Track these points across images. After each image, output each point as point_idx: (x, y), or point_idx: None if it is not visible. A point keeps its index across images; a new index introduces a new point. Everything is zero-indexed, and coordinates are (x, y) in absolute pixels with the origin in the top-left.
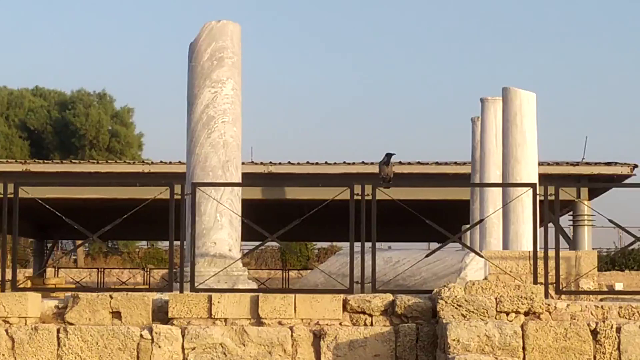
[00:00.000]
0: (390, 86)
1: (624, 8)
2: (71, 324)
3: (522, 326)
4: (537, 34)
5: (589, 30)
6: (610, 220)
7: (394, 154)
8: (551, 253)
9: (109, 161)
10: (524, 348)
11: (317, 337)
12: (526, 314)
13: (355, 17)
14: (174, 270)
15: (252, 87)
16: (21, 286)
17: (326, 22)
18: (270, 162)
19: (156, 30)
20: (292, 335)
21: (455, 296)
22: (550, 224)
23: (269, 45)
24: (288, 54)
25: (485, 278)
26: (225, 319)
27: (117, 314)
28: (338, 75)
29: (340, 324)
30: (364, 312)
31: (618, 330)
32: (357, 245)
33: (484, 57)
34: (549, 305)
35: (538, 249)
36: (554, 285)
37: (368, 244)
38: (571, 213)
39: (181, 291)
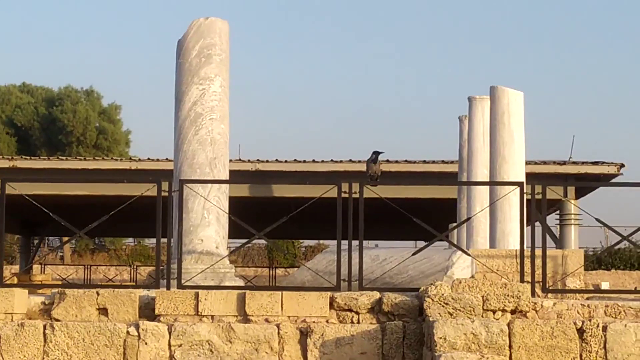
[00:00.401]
0: (378, 84)
1: (611, 6)
2: (57, 320)
3: (508, 324)
4: (525, 33)
5: (576, 29)
6: (597, 219)
7: (381, 152)
8: (538, 252)
9: (96, 158)
10: (510, 346)
11: (304, 334)
12: (513, 312)
13: (342, 14)
14: (161, 267)
15: (240, 84)
16: (7, 282)
17: (314, 20)
18: (258, 160)
19: (144, 27)
20: (278, 333)
21: (442, 294)
22: (537, 223)
23: (257, 42)
24: (276, 51)
25: (472, 276)
26: (212, 316)
27: (103, 311)
28: (326, 74)
29: (327, 321)
30: (350, 310)
31: (604, 329)
32: (345, 244)
33: (472, 56)
34: (535, 303)
35: (525, 248)
36: (541, 283)
37: (355, 242)
38: (558, 212)
39: (168, 288)
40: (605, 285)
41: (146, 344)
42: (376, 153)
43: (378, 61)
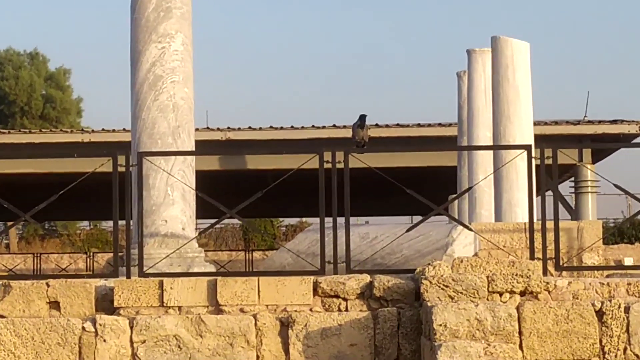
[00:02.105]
0: (363, 38)
1: None
2: (2, 316)
3: (517, 308)
4: None
5: None
6: (617, 186)
7: (366, 115)
8: (550, 224)
9: (43, 130)
10: (520, 332)
11: (285, 325)
12: (522, 294)
13: None
14: (120, 253)
15: (205, 41)
16: None
17: None
18: (229, 128)
19: None
20: (256, 324)
21: (441, 275)
22: (549, 192)
23: None
24: (247, 2)
25: (476, 254)
26: (179, 307)
27: (55, 305)
28: (305, 27)
29: (310, 309)
30: (337, 296)
31: (627, 310)
32: (329, 221)
33: (470, 3)
34: (547, 283)
35: (535, 220)
36: (554, 260)
37: (341, 219)
38: (572, 179)
39: (128, 277)
40: (628, 261)
41: (104, 340)
42: (363, 117)
43: (362, 12)
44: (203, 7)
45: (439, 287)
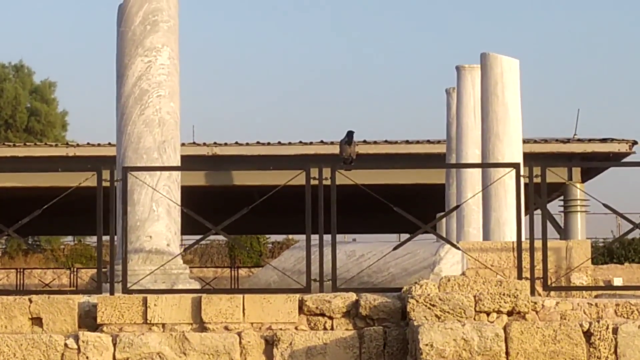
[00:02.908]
0: (353, 54)
1: None
2: None
3: (504, 328)
4: None
5: None
6: (606, 206)
7: (353, 132)
8: (538, 243)
9: (28, 144)
10: (507, 353)
11: (270, 343)
12: (509, 313)
13: None
14: (104, 269)
15: (191, 56)
16: None
17: None
18: (215, 143)
19: None
20: (240, 342)
21: (428, 294)
22: (537, 210)
23: (211, 7)
24: (235, 18)
25: (463, 273)
26: (163, 325)
27: (37, 321)
28: (291, 42)
29: (296, 328)
30: (323, 315)
31: (615, 331)
32: (315, 238)
33: (461, 20)
34: (535, 303)
35: (523, 239)
36: (542, 280)
37: (327, 236)
38: (562, 198)
39: (112, 293)
40: (618, 281)
41: (87, 358)
42: (350, 133)
43: (351, 27)
44: (190, 21)
45: (426, 306)
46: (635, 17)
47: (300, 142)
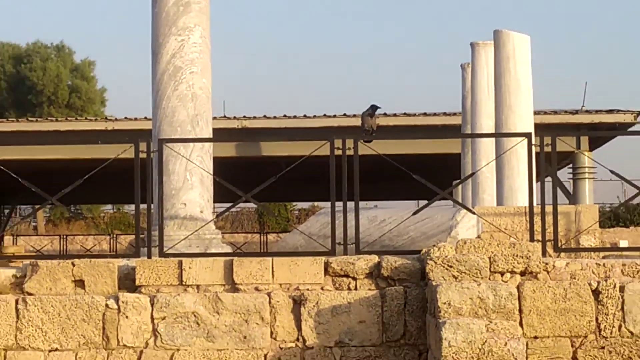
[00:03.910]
0: (374, 33)
1: None
2: (30, 294)
3: (518, 287)
4: None
5: None
6: (613, 172)
7: (379, 107)
8: (549, 208)
9: (69, 119)
10: (520, 310)
11: (297, 303)
12: (522, 274)
13: None
14: (141, 235)
15: (222, 34)
16: None
17: None
18: (244, 116)
19: None
20: (270, 302)
21: (446, 256)
22: (548, 177)
23: None
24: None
25: (478, 236)
26: (198, 286)
27: (80, 283)
28: (317, 21)
29: (322, 288)
30: (347, 276)
31: (621, 289)
32: (339, 205)
33: None
34: (546, 264)
35: (535, 204)
36: (552, 242)
37: (351, 203)
38: (570, 165)
39: (149, 257)
40: (623, 243)
41: (127, 317)
42: (373, 107)
43: (374, 8)
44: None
45: (444, 267)
46: None
47: (325, 114)
